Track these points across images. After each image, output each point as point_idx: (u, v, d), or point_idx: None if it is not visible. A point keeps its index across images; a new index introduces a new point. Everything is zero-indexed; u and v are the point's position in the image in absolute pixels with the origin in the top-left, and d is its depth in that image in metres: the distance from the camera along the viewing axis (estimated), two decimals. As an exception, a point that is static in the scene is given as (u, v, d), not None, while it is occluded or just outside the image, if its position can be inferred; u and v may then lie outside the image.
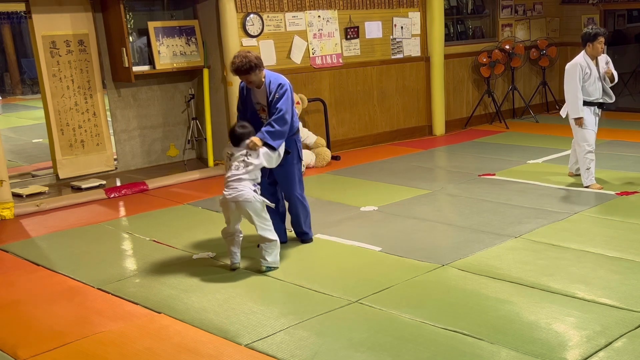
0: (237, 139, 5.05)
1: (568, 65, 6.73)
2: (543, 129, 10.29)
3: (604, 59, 6.75)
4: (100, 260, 5.41)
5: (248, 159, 4.99)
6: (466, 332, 3.85)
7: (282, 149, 5.15)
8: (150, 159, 8.75)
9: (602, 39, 6.58)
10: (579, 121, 6.66)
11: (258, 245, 5.15)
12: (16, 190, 7.29)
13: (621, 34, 12.41)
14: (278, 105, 5.06)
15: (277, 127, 5.03)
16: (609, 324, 3.87)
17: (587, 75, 6.61)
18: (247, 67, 5.01)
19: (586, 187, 6.72)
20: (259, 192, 5.01)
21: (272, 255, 5.03)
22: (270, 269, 5.02)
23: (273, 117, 5.06)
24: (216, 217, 6.22)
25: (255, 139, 4.99)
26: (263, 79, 5.14)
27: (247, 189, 4.93)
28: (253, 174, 4.99)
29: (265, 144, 5.02)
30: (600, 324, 3.88)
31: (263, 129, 5.05)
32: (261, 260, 5.01)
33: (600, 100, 6.73)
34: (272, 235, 5.02)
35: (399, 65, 9.87)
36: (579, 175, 6.93)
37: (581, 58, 6.66)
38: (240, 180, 4.94)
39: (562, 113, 7.05)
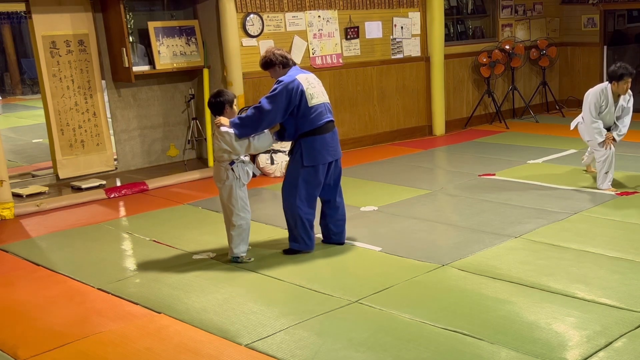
0: (212, 109, 5.10)
1: (587, 93, 6.71)
2: (543, 129, 10.29)
3: (626, 96, 6.68)
4: (100, 260, 5.41)
5: (218, 139, 4.96)
6: (466, 332, 3.85)
7: (258, 141, 4.98)
8: (150, 159, 8.74)
9: (628, 79, 6.49)
10: (605, 143, 6.62)
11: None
12: (16, 190, 7.29)
13: (621, 34, 12.39)
14: None
15: (245, 115, 4.98)
16: (609, 324, 3.87)
17: (602, 107, 6.62)
18: (262, 63, 5.17)
19: (600, 189, 6.64)
20: (237, 170, 4.96)
21: (234, 245, 5.06)
22: (235, 260, 5.06)
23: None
24: (216, 217, 6.22)
25: (222, 118, 4.99)
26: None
27: (219, 170, 5.00)
28: (224, 154, 4.95)
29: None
30: (600, 324, 3.88)
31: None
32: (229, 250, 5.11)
33: (611, 127, 6.77)
34: (238, 220, 5.02)
35: (399, 65, 9.87)
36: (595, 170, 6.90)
37: (602, 89, 6.63)
38: (216, 163, 5.05)
39: (572, 125, 7.08)
